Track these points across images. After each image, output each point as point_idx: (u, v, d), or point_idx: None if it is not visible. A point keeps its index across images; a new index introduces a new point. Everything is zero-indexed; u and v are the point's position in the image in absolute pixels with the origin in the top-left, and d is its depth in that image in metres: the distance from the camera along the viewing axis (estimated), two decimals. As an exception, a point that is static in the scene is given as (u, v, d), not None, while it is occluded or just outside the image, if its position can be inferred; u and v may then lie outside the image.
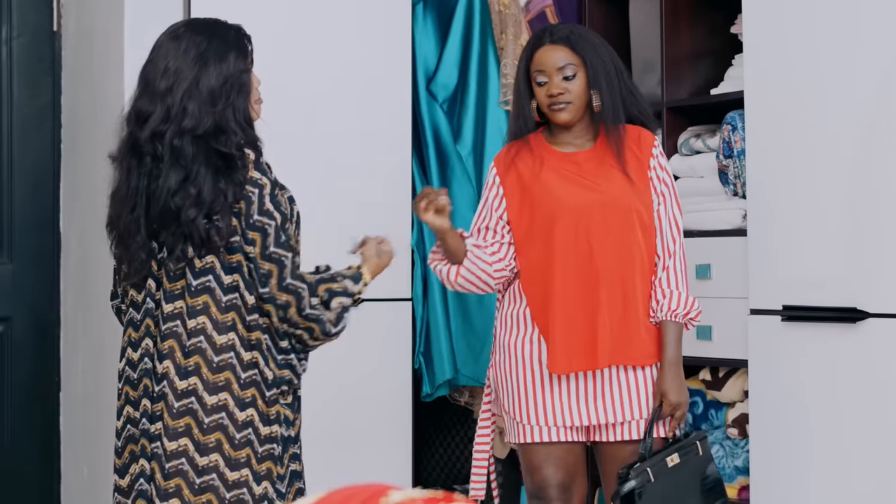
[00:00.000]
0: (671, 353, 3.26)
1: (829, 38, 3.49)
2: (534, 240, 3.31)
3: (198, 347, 2.82)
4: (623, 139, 3.29)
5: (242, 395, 2.83)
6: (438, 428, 4.62)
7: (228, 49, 2.90)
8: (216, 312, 2.83)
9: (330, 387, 4.02)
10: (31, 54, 4.62)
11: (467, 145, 4.33)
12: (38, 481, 4.60)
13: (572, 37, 3.28)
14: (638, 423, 3.28)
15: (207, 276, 2.84)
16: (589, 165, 3.30)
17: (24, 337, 4.60)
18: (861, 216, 3.39)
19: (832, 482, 3.44)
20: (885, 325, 3.33)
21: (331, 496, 1.55)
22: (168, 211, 2.81)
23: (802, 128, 3.55)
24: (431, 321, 4.26)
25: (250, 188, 2.85)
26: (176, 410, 2.81)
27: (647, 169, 3.31)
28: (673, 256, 3.29)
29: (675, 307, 3.25)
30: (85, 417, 4.40)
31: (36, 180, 4.63)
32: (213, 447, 2.80)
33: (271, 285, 2.81)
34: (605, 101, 3.27)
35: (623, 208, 3.26)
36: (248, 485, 2.81)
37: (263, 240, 2.82)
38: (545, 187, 3.29)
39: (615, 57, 3.33)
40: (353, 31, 4.17)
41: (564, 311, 3.26)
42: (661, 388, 3.25)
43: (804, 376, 3.51)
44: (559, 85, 3.26)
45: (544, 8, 4.55)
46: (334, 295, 2.88)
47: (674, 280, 3.28)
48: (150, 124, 2.85)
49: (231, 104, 2.87)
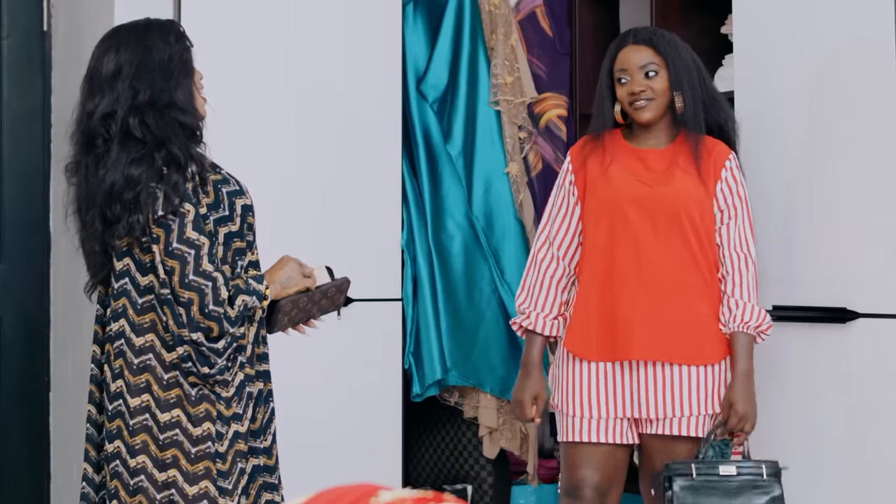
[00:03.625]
0: (743, 365, 3.24)
1: (819, 39, 3.49)
2: (588, 227, 3.35)
3: (120, 350, 2.86)
4: (701, 143, 3.30)
5: (165, 396, 2.84)
6: (428, 428, 4.62)
7: (166, 33, 2.93)
8: (133, 315, 2.85)
9: (320, 386, 4.02)
10: (22, 54, 4.62)
11: (457, 145, 4.33)
12: (28, 481, 4.59)
13: (655, 37, 3.32)
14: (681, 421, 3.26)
15: (124, 278, 2.87)
16: (657, 164, 3.32)
17: (13, 337, 4.59)
18: (850, 216, 3.40)
19: (823, 481, 3.44)
20: (875, 325, 3.33)
21: (320, 496, 1.55)
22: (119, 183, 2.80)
23: (791, 128, 3.56)
24: (421, 321, 4.25)
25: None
26: (110, 413, 2.86)
27: (717, 181, 3.30)
28: (743, 271, 3.27)
29: (748, 319, 3.24)
30: (75, 417, 4.39)
31: (26, 181, 4.62)
32: (139, 449, 2.83)
33: (174, 283, 2.79)
34: (688, 103, 3.30)
35: (674, 209, 3.27)
36: (176, 486, 2.82)
37: (167, 236, 2.80)
38: (608, 178, 3.32)
39: (697, 61, 3.35)
40: (342, 30, 4.16)
41: (588, 299, 3.31)
42: (729, 399, 3.23)
43: (793, 376, 3.52)
44: (641, 82, 3.29)
45: (534, 8, 4.56)
46: (239, 292, 2.84)
47: (746, 293, 3.26)
48: (99, 109, 2.87)
49: (180, 83, 2.89)
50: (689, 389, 3.26)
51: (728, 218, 3.30)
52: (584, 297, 3.33)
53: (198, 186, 2.86)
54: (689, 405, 3.25)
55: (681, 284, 3.27)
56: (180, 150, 2.83)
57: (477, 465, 4.45)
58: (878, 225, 3.33)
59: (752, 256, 3.29)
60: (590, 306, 3.31)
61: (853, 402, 3.38)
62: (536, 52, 4.52)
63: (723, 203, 3.29)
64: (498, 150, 4.34)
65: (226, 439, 2.87)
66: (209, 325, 2.79)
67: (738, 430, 3.24)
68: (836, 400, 3.42)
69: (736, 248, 3.28)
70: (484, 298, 4.26)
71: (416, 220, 4.23)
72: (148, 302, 2.85)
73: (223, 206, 2.91)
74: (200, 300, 2.78)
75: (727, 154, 3.33)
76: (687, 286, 3.27)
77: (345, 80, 4.15)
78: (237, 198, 2.95)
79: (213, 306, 2.79)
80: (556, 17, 4.55)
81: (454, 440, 4.57)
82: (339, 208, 4.10)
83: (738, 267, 3.27)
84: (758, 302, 3.29)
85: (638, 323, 3.25)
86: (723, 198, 3.30)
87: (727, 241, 3.29)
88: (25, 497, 4.59)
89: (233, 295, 2.82)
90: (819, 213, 3.47)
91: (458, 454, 4.56)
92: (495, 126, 4.34)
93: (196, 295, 2.78)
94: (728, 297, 3.27)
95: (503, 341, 4.26)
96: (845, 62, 3.43)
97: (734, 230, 3.29)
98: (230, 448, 2.88)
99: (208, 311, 2.78)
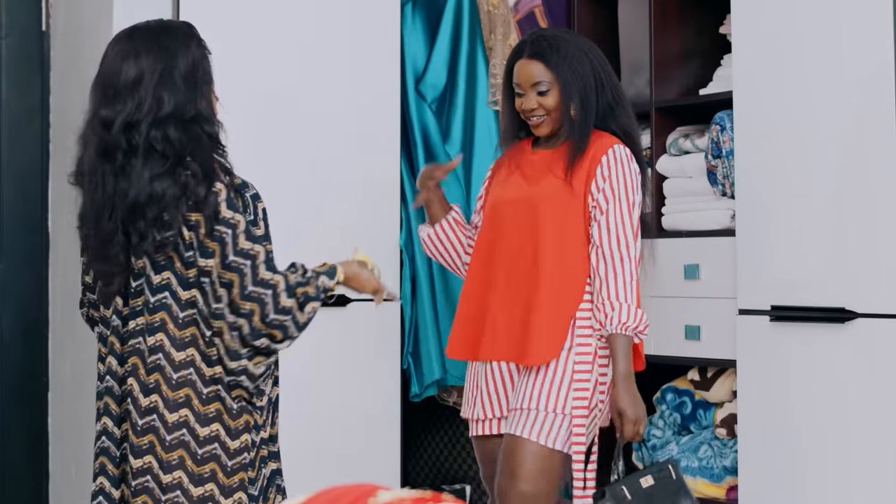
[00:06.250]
0: (623, 367, 3.15)
1: (817, 39, 3.49)
2: (479, 231, 3.42)
3: (157, 365, 2.80)
4: (576, 150, 3.26)
5: (205, 410, 2.80)
6: (427, 428, 4.62)
7: (189, 38, 2.87)
8: (174, 329, 2.79)
9: (319, 387, 4.02)
10: (20, 54, 4.61)
11: (456, 145, 4.33)
12: (26, 481, 4.59)
13: (548, 51, 3.28)
14: (535, 418, 3.18)
15: (164, 292, 2.80)
16: (540, 166, 3.33)
17: (12, 337, 4.59)
18: (849, 216, 3.40)
19: (820, 482, 3.45)
20: (874, 326, 3.33)
21: (319, 496, 1.55)
22: (143, 199, 2.75)
23: (790, 128, 3.56)
24: (420, 322, 4.26)
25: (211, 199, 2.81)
26: (140, 428, 2.80)
27: (592, 177, 3.24)
28: (617, 269, 3.18)
29: (625, 320, 3.15)
30: (73, 417, 4.39)
31: (24, 181, 4.62)
32: (175, 464, 2.79)
33: (234, 295, 2.74)
34: (579, 114, 3.28)
35: (534, 211, 3.26)
36: (214, 499, 2.80)
37: (222, 249, 2.76)
38: (502, 184, 3.38)
39: (598, 67, 3.30)
40: (341, 30, 4.16)
41: (465, 300, 3.38)
42: (617, 407, 3.15)
43: (792, 376, 3.52)
44: (533, 99, 3.30)
45: (533, 8, 4.56)
46: (309, 300, 2.80)
47: (621, 293, 3.17)
48: (119, 118, 2.78)
49: (203, 92, 2.85)
50: (531, 387, 3.21)
51: (600, 214, 3.22)
52: (463, 299, 3.39)
53: (234, 194, 2.81)
54: (530, 401, 3.19)
55: (535, 285, 3.24)
56: (205, 164, 2.77)
57: (475, 464, 4.45)
58: (877, 225, 3.33)
59: (628, 253, 3.19)
60: (464, 307, 3.38)
61: (852, 402, 3.38)
62: (535, 52, 4.52)
63: (595, 199, 3.24)
64: (497, 150, 4.34)
65: (254, 448, 2.88)
66: (272, 332, 2.76)
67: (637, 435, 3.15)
68: (836, 400, 3.42)
69: (608, 245, 3.20)
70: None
71: (414, 220, 4.23)
72: (189, 316, 2.80)
73: (250, 211, 2.91)
74: (261, 310, 2.74)
75: (606, 149, 3.25)
76: (541, 286, 3.23)
77: (344, 79, 4.15)
78: (258, 201, 2.96)
79: (274, 315, 2.75)
80: (554, 17, 4.55)
81: (453, 440, 4.57)
82: (338, 208, 4.10)
83: (611, 265, 3.18)
84: (635, 301, 3.19)
85: (489, 324, 3.29)
86: (596, 192, 3.24)
87: (598, 238, 3.21)
88: (24, 497, 4.59)
89: (302, 302, 2.78)
90: (818, 213, 3.47)
91: (456, 454, 4.56)
92: (494, 126, 4.34)
93: (257, 305, 2.74)
94: (603, 300, 3.17)
95: (502, 341, 4.26)
96: (844, 62, 3.43)
97: (605, 227, 3.21)
98: (256, 455, 2.89)
99: (269, 320, 2.75)
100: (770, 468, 3.55)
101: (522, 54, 3.32)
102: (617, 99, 3.33)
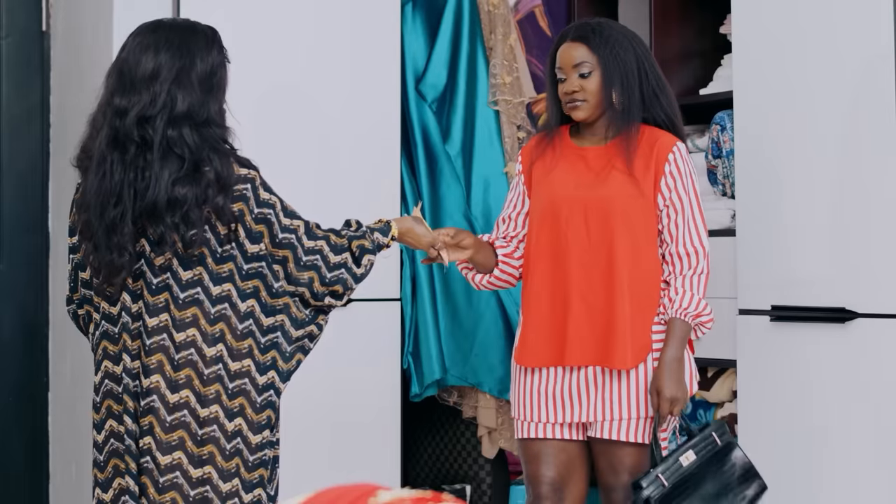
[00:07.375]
0: (671, 351, 3.17)
1: (817, 39, 3.49)
2: (531, 230, 3.35)
3: (189, 360, 2.80)
4: (633, 141, 3.25)
5: (231, 405, 2.82)
6: (427, 428, 4.62)
7: (210, 42, 2.89)
8: (205, 325, 2.81)
9: (318, 386, 4.01)
10: (20, 54, 4.61)
11: (456, 145, 4.33)
12: (26, 481, 4.59)
13: (591, 34, 3.28)
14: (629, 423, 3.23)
15: (195, 287, 2.81)
16: (597, 163, 3.30)
17: (12, 337, 4.59)
18: (849, 216, 3.40)
19: (821, 482, 3.45)
20: (874, 325, 3.33)
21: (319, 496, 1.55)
22: (162, 203, 2.75)
23: (791, 128, 3.56)
24: (420, 321, 4.26)
25: (241, 186, 2.84)
26: (169, 424, 2.79)
27: (661, 176, 3.24)
28: (689, 266, 3.21)
29: (686, 306, 3.17)
30: (73, 417, 4.39)
31: (24, 181, 4.61)
32: (206, 459, 2.80)
33: (290, 269, 2.87)
34: (623, 101, 3.27)
35: (608, 210, 3.23)
36: (238, 494, 2.81)
37: (270, 230, 2.86)
38: (549, 181, 3.33)
39: (642, 56, 3.29)
40: (342, 30, 4.16)
41: (537, 306, 3.30)
42: (655, 386, 3.17)
43: (793, 376, 3.52)
44: (575, 82, 3.27)
45: (533, 8, 4.56)
46: (365, 252, 2.96)
47: (690, 284, 3.20)
48: (133, 110, 2.79)
49: (216, 98, 2.86)
50: (618, 393, 3.22)
51: (674, 212, 3.23)
52: (536, 305, 3.31)
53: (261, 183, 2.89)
54: (620, 408, 3.21)
55: (613, 288, 3.22)
56: (223, 168, 2.79)
57: (476, 465, 4.45)
58: (877, 225, 3.33)
59: (702, 252, 3.22)
60: (542, 314, 3.30)
61: (853, 402, 3.38)
62: (535, 52, 4.52)
63: (667, 199, 3.24)
64: (497, 150, 4.34)
65: (270, 447, 2.90)
66: (334, 289, 2.93)
67: (671, 414, 3.17)
68: (836, 400, 3.42)
69: (682, 245, 3.22)
70: (483, 299, 4.25)
71: (414, 220, 4.23)
72: (219, 312, 2.82)
73: None
74: (318, 274, 2.90)
75: (671, 147, 3.26)
76: (619, 289, 3.22)
77: (343, 79, 4.15)
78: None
79: (331, 274, 2.90)
80: (554, 17, 4.55)
81: (453, 440, 4.57)
82: (338, 208, 4.09)
83: (686, 264, 3.21)
84: (704, 296, 3.21)
85: (572, 329, 3.23)
86: (667, 192, 3.24)
87: (672, 238, 3.23)
88: (24, 497, 4.59)
89: (358, 256, 2.96)
90: (819, 212, 3.47)
91: (456, 454, 4.56)
92: (494, 126, 4.34)
93: (313, 272, 2.89)
94: (672, 288, 3.21)
95: (502, 341, 4.26)
96: (845, 61, 3.43)
97: (681, 226, 3.23)
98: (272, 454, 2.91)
99: (328, 280, 2.91)
100: (770, 468, 3.55)
101: (566, 38, 3.32)
102: (661, 86, 3.32)
